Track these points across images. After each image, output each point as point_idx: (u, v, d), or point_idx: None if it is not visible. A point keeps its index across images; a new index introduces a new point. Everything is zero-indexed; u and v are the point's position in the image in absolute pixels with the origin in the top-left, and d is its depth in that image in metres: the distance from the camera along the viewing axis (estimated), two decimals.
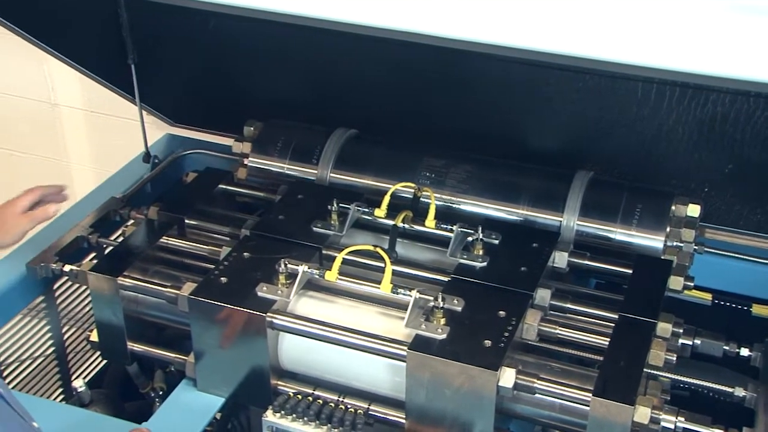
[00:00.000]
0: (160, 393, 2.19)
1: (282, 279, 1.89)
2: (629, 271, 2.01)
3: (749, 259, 2.25)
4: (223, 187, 2.38)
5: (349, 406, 1.83)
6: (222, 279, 1.92)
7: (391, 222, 2.06)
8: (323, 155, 2.33)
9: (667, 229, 2.09)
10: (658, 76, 1.70)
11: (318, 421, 1.79)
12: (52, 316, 2.32)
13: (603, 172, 2.25)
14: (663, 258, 2.06)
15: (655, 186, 2.20)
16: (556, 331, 1.86)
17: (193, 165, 2.66)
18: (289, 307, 1.89)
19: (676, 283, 1.99)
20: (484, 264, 1.97)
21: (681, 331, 1.90)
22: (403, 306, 1.83)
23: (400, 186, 2.13)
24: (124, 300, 2.02)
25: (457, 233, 2.01)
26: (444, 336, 1.76)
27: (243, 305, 1.85)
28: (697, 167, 2.23)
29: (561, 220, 2.14)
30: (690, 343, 1.91)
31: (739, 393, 1.80)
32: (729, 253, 2.26)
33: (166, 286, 1.99)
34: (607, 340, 1.82)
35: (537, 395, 1.73)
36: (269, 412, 1.81)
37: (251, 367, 1.89)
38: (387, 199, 2.08)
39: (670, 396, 1.83)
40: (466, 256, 1.98)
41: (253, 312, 1.83)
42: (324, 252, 2.03)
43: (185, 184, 2.45)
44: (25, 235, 2.05)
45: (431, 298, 1.81)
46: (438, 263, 2.03)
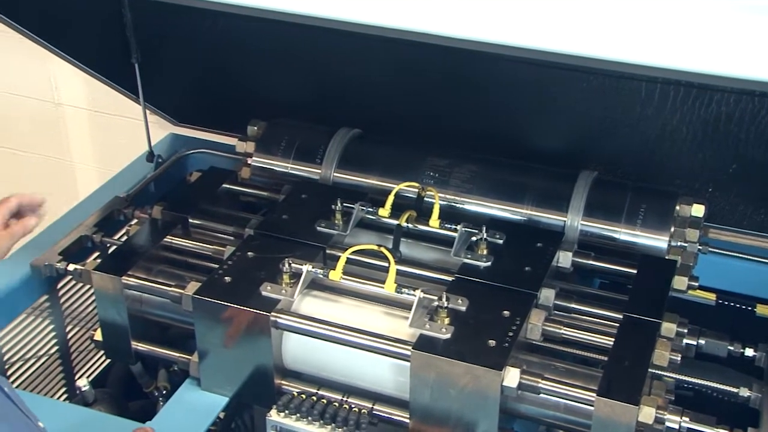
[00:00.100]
0: (164, 392, 2.19)
1: (286, 278, 1.89)
2: (633, 271, 2.01)
3: (753, 259, 2.25)
4: (226, 186, 2.38)
5: (353, 406, 1.83)
6: (226, 278, 1.92)
7: (395, 222, 2.06)
8: (327, 155, 2.33)
9: (672, 229, 2.09)
10: (663, 76, 1.69)
11: (322, 421, 1.79)
12: (56, 316, 2.32)
13: (607, 172, 2.25)
14: (667, 258, 2.06)
15: (660, 186, 2.19)
16: (561, 330, 1.86)
17: (197, 164, 2.66)
18: (293, 306, 1.89)
19: (680, 283, 1.99)
20: (488, 264, 1.97)
21: (685, 331, 1.90)
22: (407, 306, 1.83)
23: (404, 186, 2.13)
24: (128, 299, 2.02)
25: (461, 233, 2.01)
26: (448, 336, 1.75)
27: (247, 305, 1.85)
28: (701, 167, 2.23)
29: (565, 220, 2.13)
30: (694, 343, 1.90)
31: (743, 393, 1.80)
32: (733, 254, 2.25)
33: (170, 286, 1.99)
34: (611, 340, 1.82)
35: (541, 395, 1.73)
36: (273, 412, 1.81)
37: (255, 367, 1.89)
38: (391, 198, 2.08)
39: (674, 396, 1.83)
40: (470, 256, 1.98)
41: (257, 311, 1.83)
42: (328, 251, 2.02)
43: (189, 183, 2.45)
44: (8, 252, 1.88)
45: (435, 298, 1.81)
46: (442, 263, 2.03)
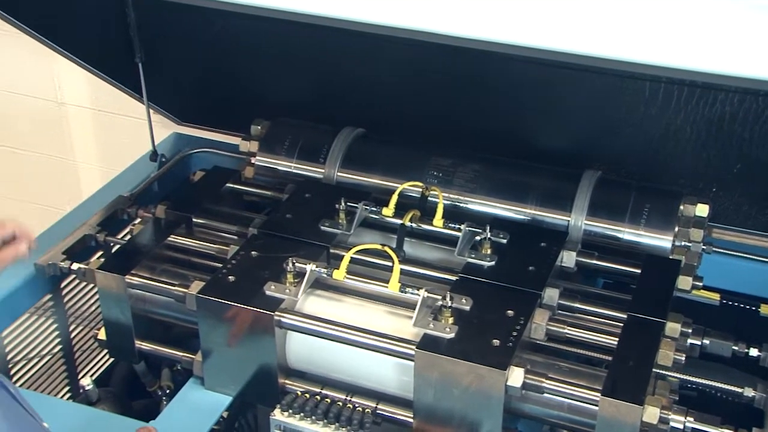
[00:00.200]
0: (167, 391, 2.19)
1: (290, 278, 1.89)
2: (637, 270, 2.01)
3: (758, 259, 2.24)
4: (230, 185, 2.37)
5: (356, 405, 1.83)
6: (230, 278, 1.92)
7: (398, 221, 2.05)
8: (330, 154, 2.33)
9: (676, 229, 2.08)
10: (667, 75, 1.69)
11: (326, 420, 1.79)
12: (59, 315, 2.32)
13: (611, 172, 2.24)
14: (671, 258, 2.06)
15: (664, 185, 2.19)
16: (565, 330, 1.86)
17: (200, 164, 2.66)
18: (297, 305, 1.89)
19: (684, 282, 1.98)
20: (492, 263, 1.96)
21: (690, 331, 1.89)
22: (411, 305, 1.83)
23: (407, 185, 2.13)
24: (132, 298, 2.02)
25: (465, 232, 2.01)
26: (452, 335, 1.75)
27: (251, 304, 1.84)
28: (705, 167, 2.23)
29: (569, 219, 2.13)
30: (699, 343, 1.90)
31: (748, 393, 1.80)
32: (737, 253, 2.25)
33: (173, 285, 1.99)
34: (615, 339, 1.82)
35: (545, 395, 1.73)
36: (277, 411, 1.81)
37: (259, 366, 1.89)
38: (395, 198, 2.08)
39: (678, 396, 1.83)
40: (474, 256, 1.98)
41: (261, 311, 1.83)
42: (332, 251, 2.02)
43: (193, 182, 2.45)
44: None
45: (439, 297, 1.80)
46: (446, 262, 2.02)
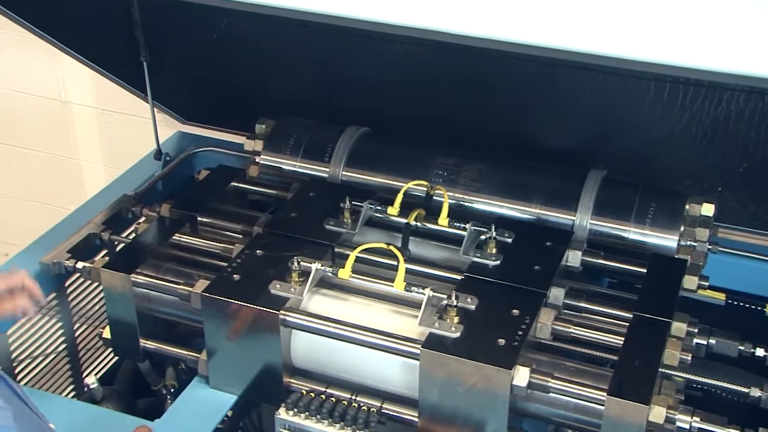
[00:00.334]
0: (172, 390, 2.19)
1: (295, 277, 1.89)
2: (643, 270, 2.00)
3: (763, 259, 2.24)
4: (235, 184, 2.37)
5: (361, 405, 1.82)
6: (235, 276, 1.92)
7: (403, 220, 2.05)
8: (335, 153, 2.32)
9: (681, 229, 2.08)
10: (673, 73, 1.68)
11: (331, 419, 1.79)
12: (64, 313, 2.32)
13: (616, 171, 2.23)
14: (677, 257, 2.05)
15: (669, 185, 2.18)
16: (570, 330, 1.85)
17: (205, 163, 2.66)
18: (302, 304, 1.89)
19: (690, 282, 1.98)
20: (498, 262, 1.96)
21: (696, 330, 1.89)
22: (416, 304, 1.83)
23: (412, 184, 2.12)
24: (137, 297, 2.01)
25: (470, 231, 2.00)
26: (458, 334, 1.75)
27: (256, 303, 1.84)
28: (710, 166, 2.22)
29: (574, 219, 2.13)
30: (705, 342, 1.90)
31: (755, 393, 1.79)
32: (743, 253, 2.25)
33: (178, 284, 1.98)
34: (620, 339, 1.81)
35: (551, 394, 1.73)
36: (282, 410, 1.81)
37: (264, 365, 1.88)
38: (400, 197, 2.07)
39: (684, 396, 1.82)
40: (479, 255, 1.98)
41: (266, 309, 1.83)
42: (337, 250, 2.02)
43: (197, 181, 2.45)
44: None
45: (445, 297, 1.80)
46: (451, 261, 2.02)
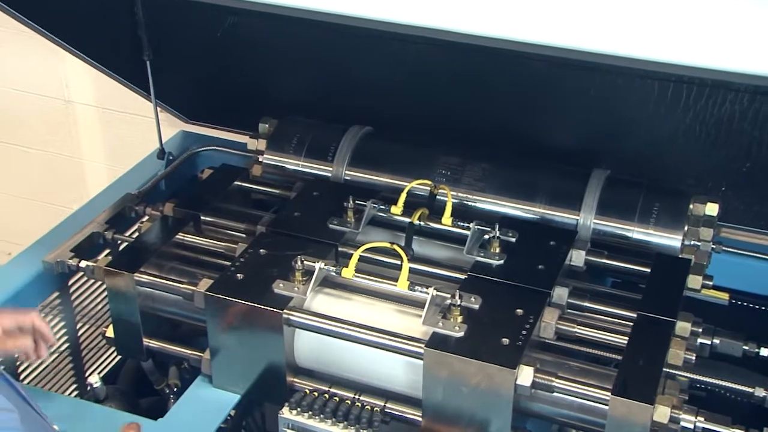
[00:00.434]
0: (175, 389, 2.19)
1: (298, 276, 1.88)
2: (647, 269, 2.00)
3: (767, 258, 2.23)
4: (238, 184, 2.37)
5: (365, 404, 1.82)
6: (238, 275, 1.92)
7: (407, 219, 2.05)
8: (338, 152, 2.32)
9: (685, 228, 2.07)
10: (676, 72, 1.67)
11: (334, 419, 1.78)
12: (67, 313, 2.31)
13: (620, 171, 2.23)
14: (681, 257, 2.05)
15: (673, 184, 2.18)
16: (574, 329, 1.85)
17: (208, 162, 2.66)
18: (306, 304, 1.88)
19: (694, 282, 1.97)
20: (501, 262, 1.96)
21: (700, 330, 1.88)
22: (419, 303, 1.83)
23: (416, 183, 2.12)
24: (140, 296, 2.01)
25: (474, 231, 2.00)
26: (461, 334, 1.75)
27: (259, 302, 1.84)
28: (714, 166, 2.22)
29: (578, 218, 2.12)
30: (709, 342, 1.89)
31: (759, 393, 1.79)
32: (747, 253, 2.24)
33: (182, 283, 1.98)
34: (624, 338, 1.81)
35: (555, 394, 1.72)
36: (285, 409, 1.81)
37: (267, 364, 1.88)
38: (403, 196, 2.07)
39: (688, 396, 1.82)
40: (483, 254, 1.97)
41: (270, 309, 1.83)
42: (340, 249, 2.02)
43: (201, 180, 2.45)
44: None
45: (448, 296, 1.80)
46: (455, 261, 2.02)
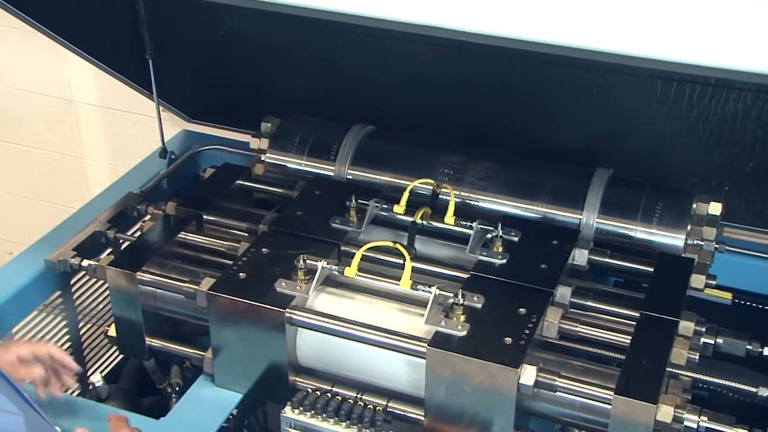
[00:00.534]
0: (177, 389, 2.19)
1: (301, 275, 1.88)
2: (650, 269, 1.99)
3: None
4: (240, 183, 2.37)
5: (367, 403, 1.82)
6: (240, 274, 1.91)
7: (410, 218, 2.04)
8: (341, 152, 2.32)
9: (688, 227, 2.07)
10: (679, 71, 1.67)
11: (337, 418, 1.78)
12: (69, 312, 2.31)
13: (623, 170, 2.23)
14: (684, 256, 2.04)
15: (676, 184, 2.18)
16: (577, 328, 1.85)
17: (210, 161, 2.65)
18: (308, 303, 1.88)
19: (698, 281, 1.97)
20: (504, 261, 1.95)
21: (703, 329, 1.88)
22: (422, 303, 1.83)
23: (419, 182, 2.12)
24: (142, 295, 2.01)
25: (476, 230, 2.00)
26: (464, 333, 1.74)
27: (262, 301, 1.84)
28: (717, 165, 2.22)
29: (581, 217, 2.12)
30: (712, 342, 1.89)
31: (763, 393, 1.78)
32: (750, 252, 2.24)
33: (184, 282, 1.98)
34: (627, 338, 1.81)
35: (558, 393, 1.72)
36: (288, 409, 1.81)
37: (269, 363, 1.88)
38: (406, 195, 2.07)
39: (691, 395, 1.81)
40: (485, 253, 1.97)
41: (272, 308, 1.83)
42: (342, 248, 2.01)
43: (203, 179, 2.44)
44: None
45: (451, 295, 1.80)
46: (457, 260, 2.01)
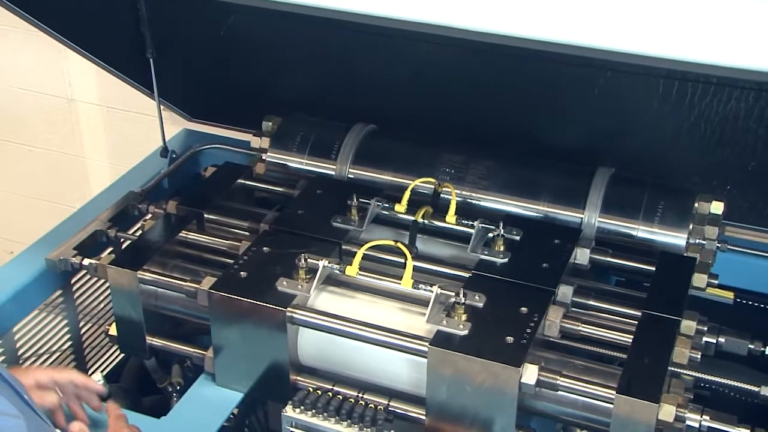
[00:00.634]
0: (178, 388, 2.19)
1: (302, 274, 1.88)
2: (651, 268, 1.99)
3: None
4: (241, 182, 2.36)
5: (368, 402, 1.82)
6: (242, 273, 1.91)
7: (411, 217, 2.04)
8: (342, 151, 2.32)
9: (690, 226, 2.07)
10: (682, 69, 1.67)
11: (338, 417, 1.78)
12: (69, 311, 2.31)
13: (624, 169, 2.22)
14: (686, 255, 2.04)
15: (678, 183, 2.17)
16: (579, 327, 1.84)
17: (211, 160, 2.65)
18: (309, 302, 1.88)
19: (700, 280, 1.97)
20: (506, 260, 1.95)
21: (705, 329, 1.88)
22: (423, 302, 1.82)
23: (420, 181, 2.12)
24: (143, 294, 2.01)
25: (478, 229, 1.99)
26: (466, 332, 1.74)
27: (263, 300, 1.83)
28: (719, 164, 2.22)
29: (582, 216, 2.12)
30: (714, 341, 1.88)
31: (765, 392, 1.78)
32: (751, 251, 2.24)
33: (185, 281, 1.97)
34: (629, 337, 1.80)
35: (560, 392, 1.72)
36: (289, 408, 1.80)
37: (270, 363, 1.88)
38: (407, 194, 2.06)
39: (693, 394, 1.81)
40: (487, 252, 1.97)
41: (274, 306, 1.82)
42: (344, 247, 2.01)
43: (204, 178, 2.44)
44: None
45: (452, 294, 1.79)
46: (459, 259, 2.01)
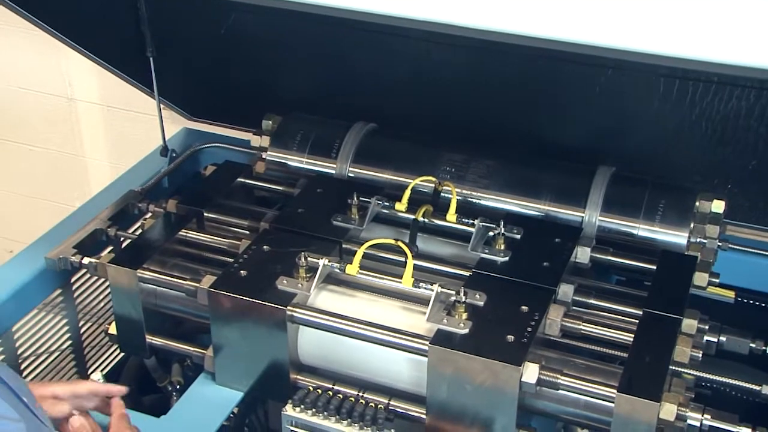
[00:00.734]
0: (178, 387, 2.18)
1: (302, 273, 1.87)
2: (652, 267, 1.99)
3: None
4: (241, 180, 2.36)
5: (369, 401, 1.81)
6: (242, 272, 1.91)
7: (411, 216, 2.04)
8: (342, 149, 2.31)
9: (691, 225, 2.06)
10: (683, 66, 1.67)
11: (338, 416, 1.77)
12: (69, 310, 2.31)
13: (625, 168, 2.22)
14: (687, 254, 2.04)
15: (679, 182, 2.17)
16: (579, 326, 1.84)
17: (211, 159, 2.65)
18: (309, 300, 1.87)
19: (701, 279, 1.96)
20: (506, 259, 1.95)
21: (706, 327, 1.87)
22: (424, 300, 1.82)
23: (420, 180, 2.11)
24: (143, 293, 2.00)
25: (478, 227, 1.99)
26: (466, 331, 1.74)
27: (263, 298, 1.83)
28: (720, 163, 2.21)
29: (583, 215, 2.11)
30: (715, 340, 1.88)
31: (766, 391, 1.78)
32: (752, 250, 2.24)
33: (185, 279, 1.97)
34: (630, 336, 1.80)
35: (560, 391, 1.71)
36: (289, 407, 1.80)
37: (270, 361, 1.87)
38: (408, 193, 2.06)
39: (694, 393, 1.80)
40: (487, 251, 1.96)
41: (274, 305, 1.82)
42: (344, 246, 2.01)
43: (204, 177, 2.44)
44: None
45: (453, 293, 1.79)
46: (459, 258, 2.01)
